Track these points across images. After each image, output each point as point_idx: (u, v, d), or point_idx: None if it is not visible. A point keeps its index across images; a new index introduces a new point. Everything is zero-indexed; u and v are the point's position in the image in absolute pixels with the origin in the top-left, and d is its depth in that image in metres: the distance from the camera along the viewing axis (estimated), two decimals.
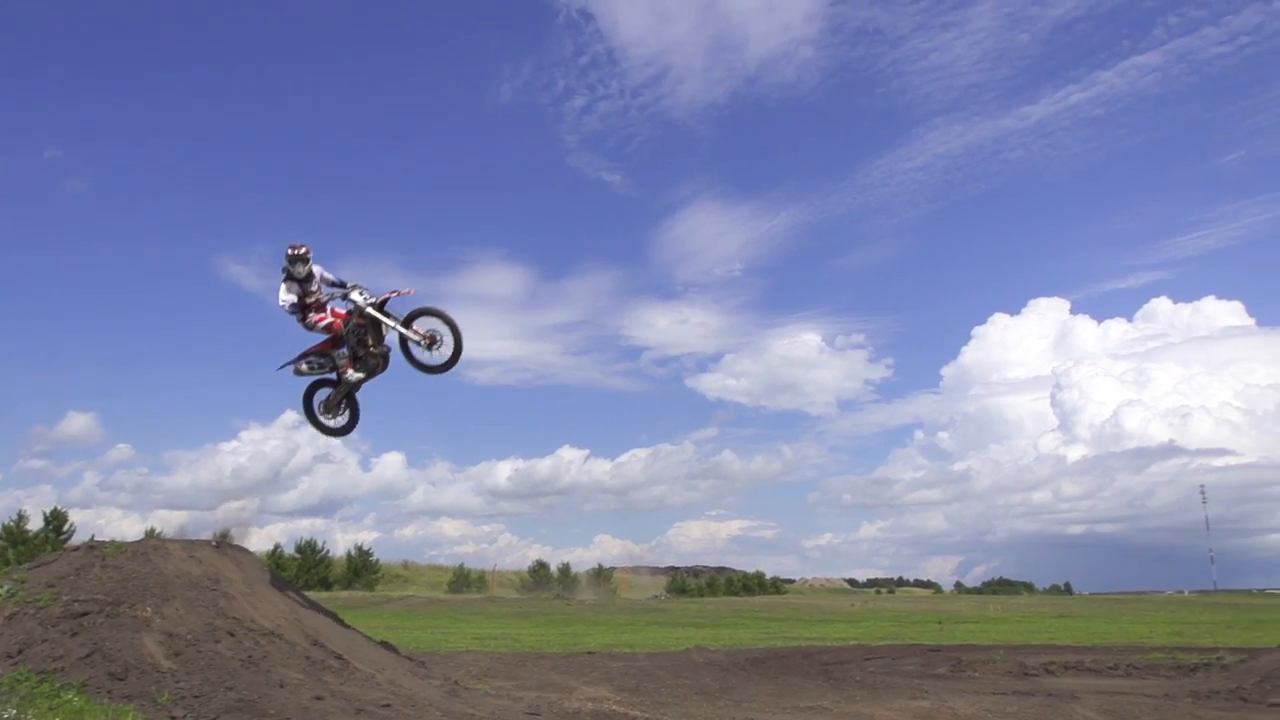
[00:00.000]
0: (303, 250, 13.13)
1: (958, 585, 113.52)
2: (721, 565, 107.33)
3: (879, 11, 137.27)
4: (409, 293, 13.34)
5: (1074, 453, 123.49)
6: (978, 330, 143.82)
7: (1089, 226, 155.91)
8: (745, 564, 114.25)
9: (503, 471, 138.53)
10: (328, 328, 13.38)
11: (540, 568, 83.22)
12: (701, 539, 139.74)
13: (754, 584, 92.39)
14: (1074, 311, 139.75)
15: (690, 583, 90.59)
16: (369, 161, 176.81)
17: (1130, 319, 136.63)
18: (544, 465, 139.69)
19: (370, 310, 13.09)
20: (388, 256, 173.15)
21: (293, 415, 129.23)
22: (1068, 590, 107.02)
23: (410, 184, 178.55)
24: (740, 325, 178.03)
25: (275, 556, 65.52)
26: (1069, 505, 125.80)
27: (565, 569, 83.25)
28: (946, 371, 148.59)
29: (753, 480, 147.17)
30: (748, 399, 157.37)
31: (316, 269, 13.27)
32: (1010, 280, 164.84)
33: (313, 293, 13.33)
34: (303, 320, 13.32)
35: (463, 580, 78.90)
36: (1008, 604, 61.30)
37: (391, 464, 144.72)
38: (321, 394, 14.13)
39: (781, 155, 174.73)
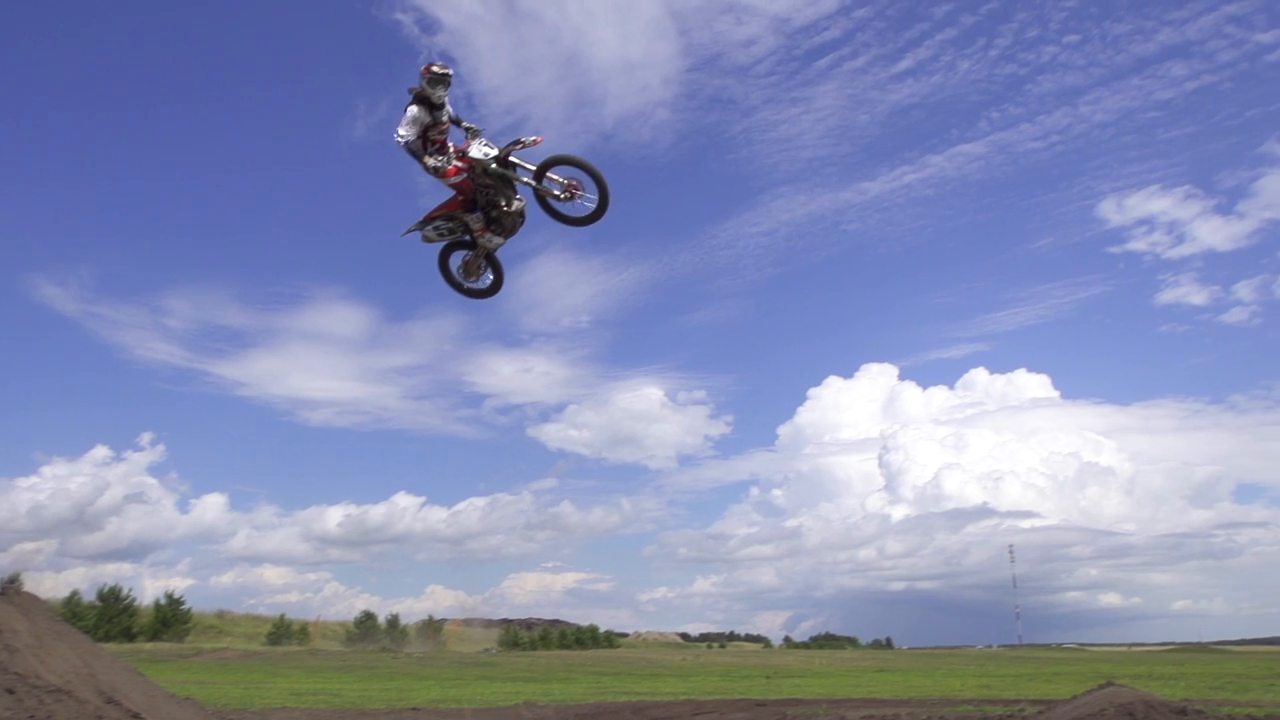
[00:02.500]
0: (449, 72, 11.40)
1: (786, 640, 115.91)
2: (556, 618, 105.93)
3: (733, 82, 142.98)
4: (536, 141, 11.81)
5: (898, 512, 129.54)
6: (813, 391, 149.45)
7: (917, 298, 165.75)
8: (580, 617, 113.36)
9: (333, 517, 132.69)
10: (456, 186, 11.81)
11: (367, 618, 79.85)
12: (536, 591, 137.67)
13: (587, 637, 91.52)
14: (902, 377, 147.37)
15: (523, 636, 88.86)
16: (210, 189, 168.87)
17: (952, 387, 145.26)
18: (377, 512, 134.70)
19: (495, 167, 11.58)
20: (220, 288, 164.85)
21: (104, 450, 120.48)
22: (889, 645, 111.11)
23: (252, 215, 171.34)
24: (585, 377, 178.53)
25: (71, 604, 60.47)
26: (892, 563, 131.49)
27: (394, 620, 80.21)
28: (782, 430, 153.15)
29: (590, 532, 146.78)
30: (589, 450, 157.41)
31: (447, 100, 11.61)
32: (844, 345, 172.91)
33: (442, 127, 11.70)
34: (424, 162, 11.56)
35: (283, 631, 74.59)
36: (833, 658, 63.09)
37: (212, 506, 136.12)
38: (457, 256, 12.76)
39: (634, 212, 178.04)
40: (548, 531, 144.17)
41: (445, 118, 11.74)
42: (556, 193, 11.59)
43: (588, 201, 11.52)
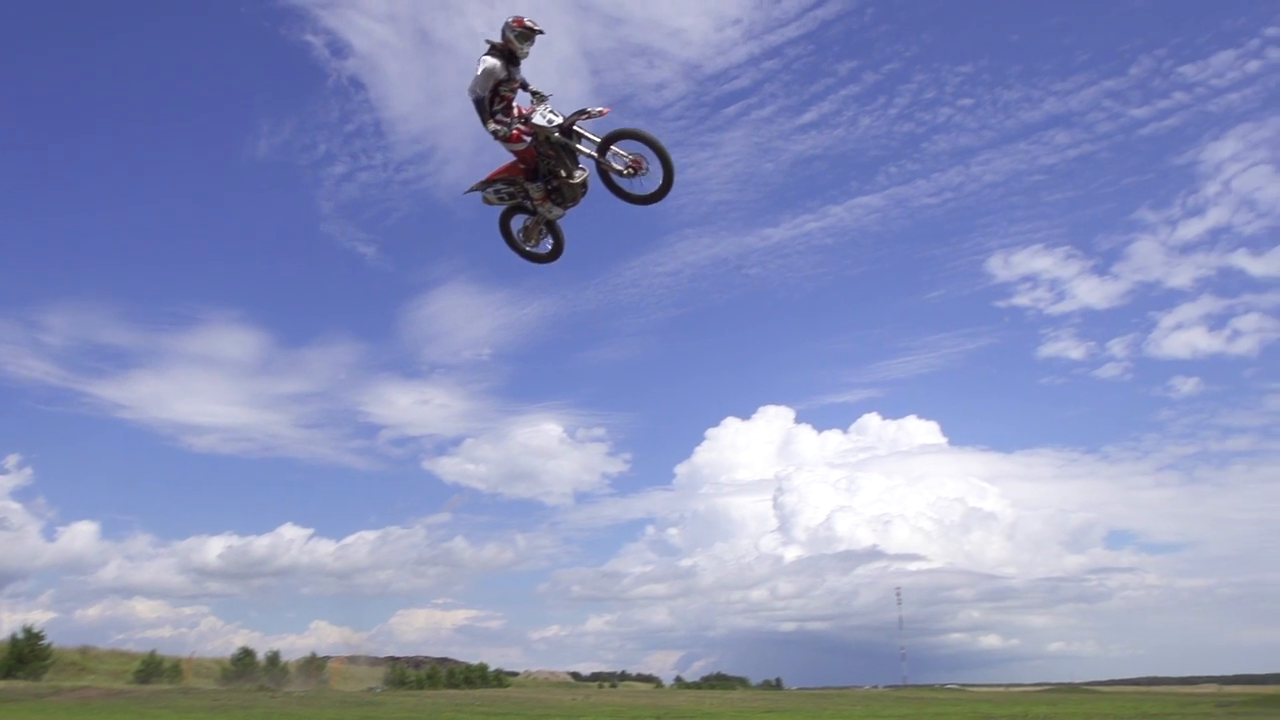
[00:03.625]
0: (540, 30, 11.01)
1: (678, 680, 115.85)
2: (445, 656, 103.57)
3: (641, 124, 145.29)
4: (602, 112, 11.33)
5: (791, 553, 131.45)
6: (711, 432, 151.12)
7: (815, 343, 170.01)
8: (469, 655, 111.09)
9: (214, 548, 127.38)
10: (519, 153, 11.40)
11: (245, 655, 76.32)
12: (426, 628, 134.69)
13: (476, 676, 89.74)
14: (798, 420, 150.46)
15: (410, 674, 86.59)
16: (100, 203, 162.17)
17: (846, 431, 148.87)
18: (262, 543, 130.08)
19: (558, 136, 11.15)
20: (105, 305, 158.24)
21: None
22: (779, 685, 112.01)
23: (144, 231, 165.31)
24: (484, 410, 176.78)
25: None
26: (784, 603, 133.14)
27: (274, 657, 76.84)
28: (680, 469, 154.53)
29: (483, 568, 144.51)
30: (485, 485, 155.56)
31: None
32: (744, 387, 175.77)
33: (514, 85, 11.23)
34: (487, 122, 11.10)
35: (153, 668, 70.67)
36: (723, 699, 63.27)
37: (82, 534, 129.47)
38: (519, 219, 12.36)
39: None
40: (439, 567, 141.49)
41: (519, 77, 11.37)
42: (619, 168, 11.27)
43: (651, 180, 11.21)
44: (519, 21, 11.05)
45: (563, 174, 11.48)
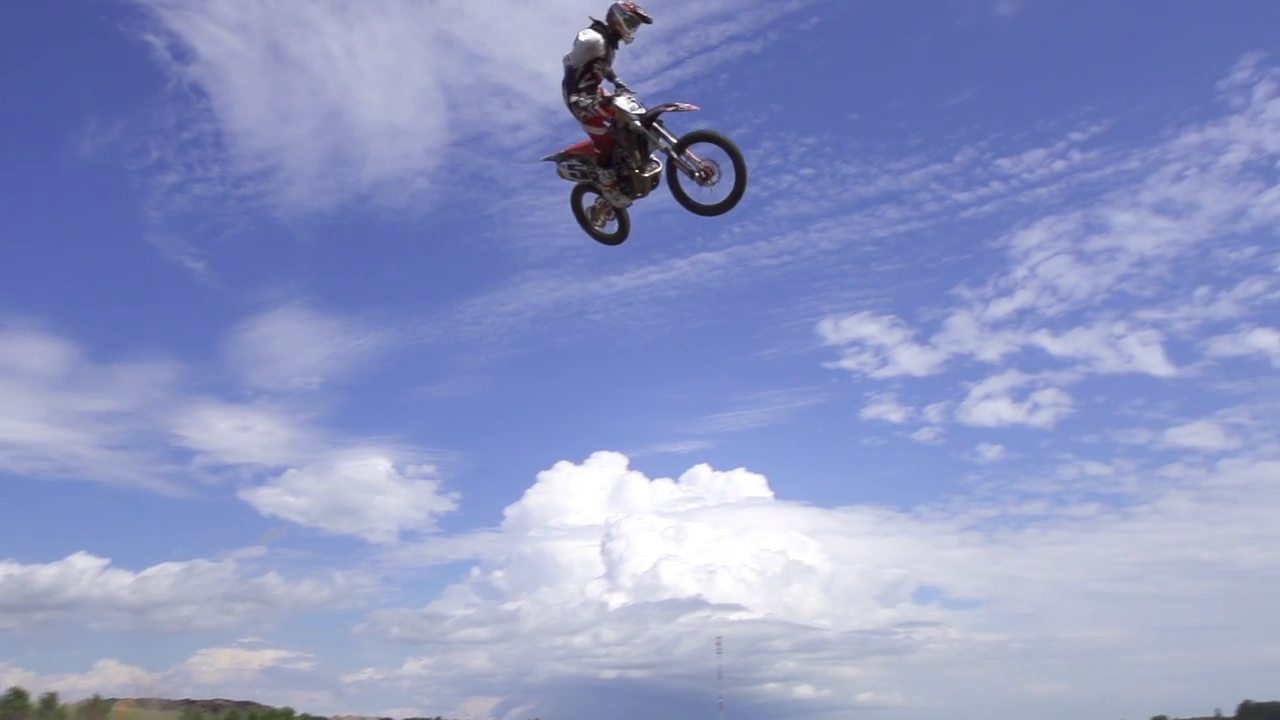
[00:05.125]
0: (649, 17, 10.87)
1: None
2: (247, 699, 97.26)
3: (495, 162, 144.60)
4: (691, 108, 11.00)
5: (615, 600, 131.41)
6: (543, 475, 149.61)
7: (652, 392, 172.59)
8: (275, 698, 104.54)
9: None
10: (596, 138, 11.33)
11: (16, 697, 69.31)
12: (228, 669, 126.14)
13: None
14: (630, 468, 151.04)
15: (206, 718, 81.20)
16: None
17: (676, 480, 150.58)
18: (48, 573, 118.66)
19: (638, 125, 10.93)
20: None
21: None
22: None
23: None
24: (309, 441, 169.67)
25: None
26: (606, 650, 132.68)
27: (50, 699, 70.17)
28: (510, 511, 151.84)
29: (296, 606, 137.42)
30: (305, 519, 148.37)
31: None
32: (578, 431, 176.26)
33: (607, 69, 11.24)
34: (570, 96, 11.11)
35: None
36: None
37: None
38: (590, 197, 12.15)
39: (381, 277, 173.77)
40: (248, 604, 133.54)
41: (613, 61, 11.24)
42: (692, 170, 11.05)
43: (719, 191, 10.99)
44: (631, 6, 11.05)
45: (634, 166, 11.40)
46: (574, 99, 11.30)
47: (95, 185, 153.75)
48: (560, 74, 11.58)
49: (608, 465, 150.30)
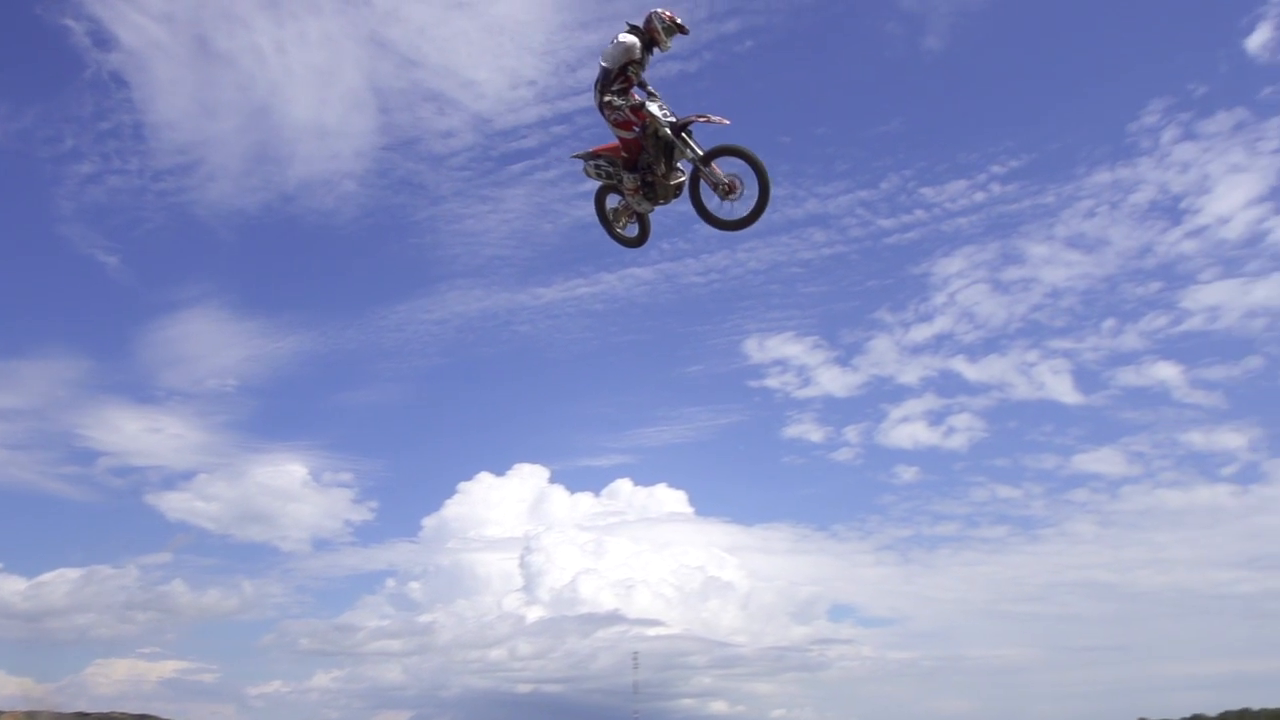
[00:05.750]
0: (686, 29, 10.91)
1: None
2: (145, 712, 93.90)
3: (426, 169, 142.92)
4: (723, 122, 10.93)
5: (533, 613, 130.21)
6: (463, 485, 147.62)
7: (576, 405, 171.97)
8: (175, 711, 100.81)
9: None
10: (625, 142, 11.26)
11: None
12: (126, 680, 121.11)
13: None
14: (552, 480, 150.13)
15: None
16: None
17: (598, 494, 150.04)
18: None
19: (667, 132, 10.91)
20: None
21: None
22: None
23: None
24: (222, 444, 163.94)
25: None
26: (521, 664, 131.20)
27: None
28: (428, 522, 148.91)
29: (201, 616, 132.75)
30: (215, 525, 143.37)
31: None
32: (501, 442, 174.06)
33: (641, 75, 11.22)
34: (602, 95, 11.05)
35: None
36: None
37: None
38: (613, 199, 12.05)
39: (303, 279, 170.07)
40: (150, 613, 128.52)
41: (644, 72, 11.30)
42: (716, 183, 11.05)
43: (739, 207, 11.00)
44: (671, 16, 11.18)
45: (659, 173, 11.41)
46: (607, 99, 11.32)
47: (3, 172, 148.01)
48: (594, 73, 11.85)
49: (529, 477, 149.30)
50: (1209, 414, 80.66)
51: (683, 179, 11.63)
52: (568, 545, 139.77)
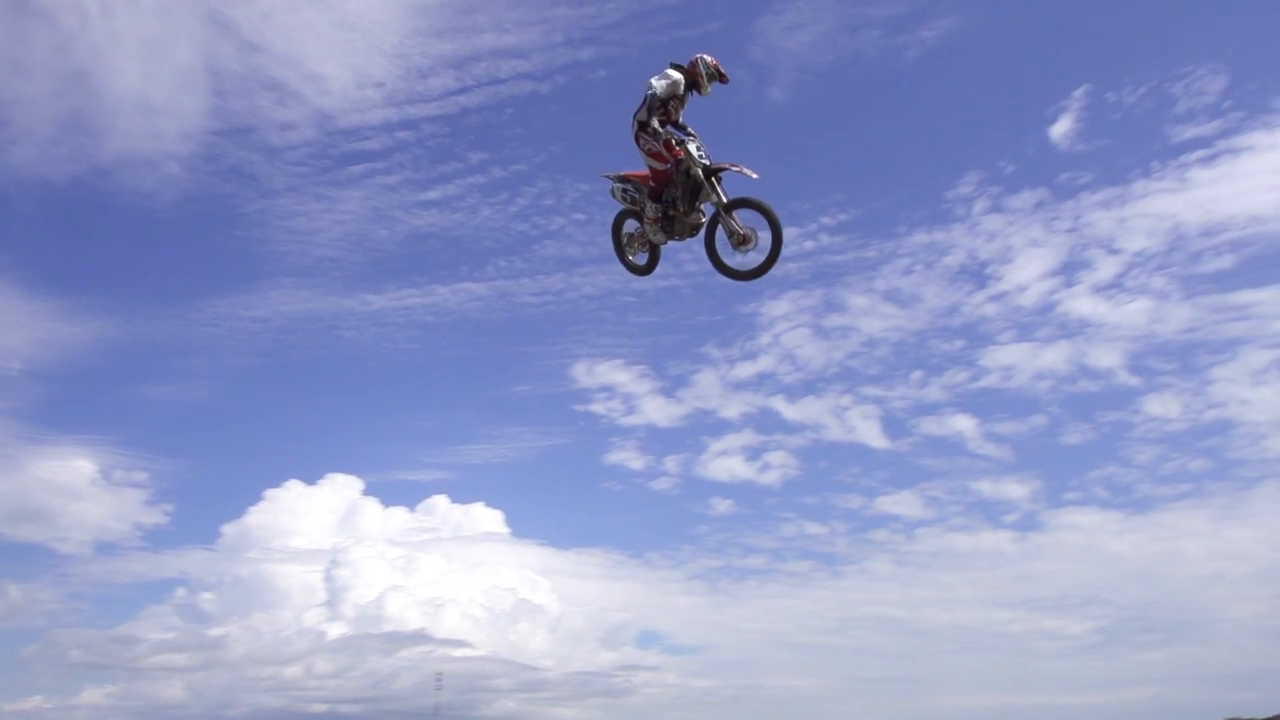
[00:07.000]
0: (729, 79, 11.40)
1: None
2: None
3: (260, 159, 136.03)
4: (752, 175, 11.24)
5: (335, 630, 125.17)
6: (270, 493, 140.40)
7: (398, 417, 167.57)
8: None
9: None
10: (655, 172, 11.57)
11: None
12: None
13: None
14: (366, 492, 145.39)
15: None
16: None
17: (412, 509, 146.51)
18: None
19: (699, 173, 11.23)
20: None
21: None
22: None
23: None
24: None
25: None
26: (318, 683, 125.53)
27: None
28: (228, 529, 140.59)
29: None
30: None
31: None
32: (314, 449, 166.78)
33: (680, 108, 11.60)
34: (644, 117, 11.33)
35: None
36: None
37: None
38: (631, 225, 12.31)
39: (111, 261, 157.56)
40: None
41: (682, 113, 11.66)
42: (732, 231, 11.36)
43: (747, 260, 11.41)
44: (716, 63, 11.59)
45: (682, 209, 11.71)
46: (653, 126, 11.58)
47: None
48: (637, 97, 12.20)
49: (342, 488, 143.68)
50: (997, 465, 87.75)
51: (702, 220, 11.91)
52: (377, 560, 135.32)
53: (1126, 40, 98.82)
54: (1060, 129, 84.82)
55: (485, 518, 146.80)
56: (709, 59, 11.65)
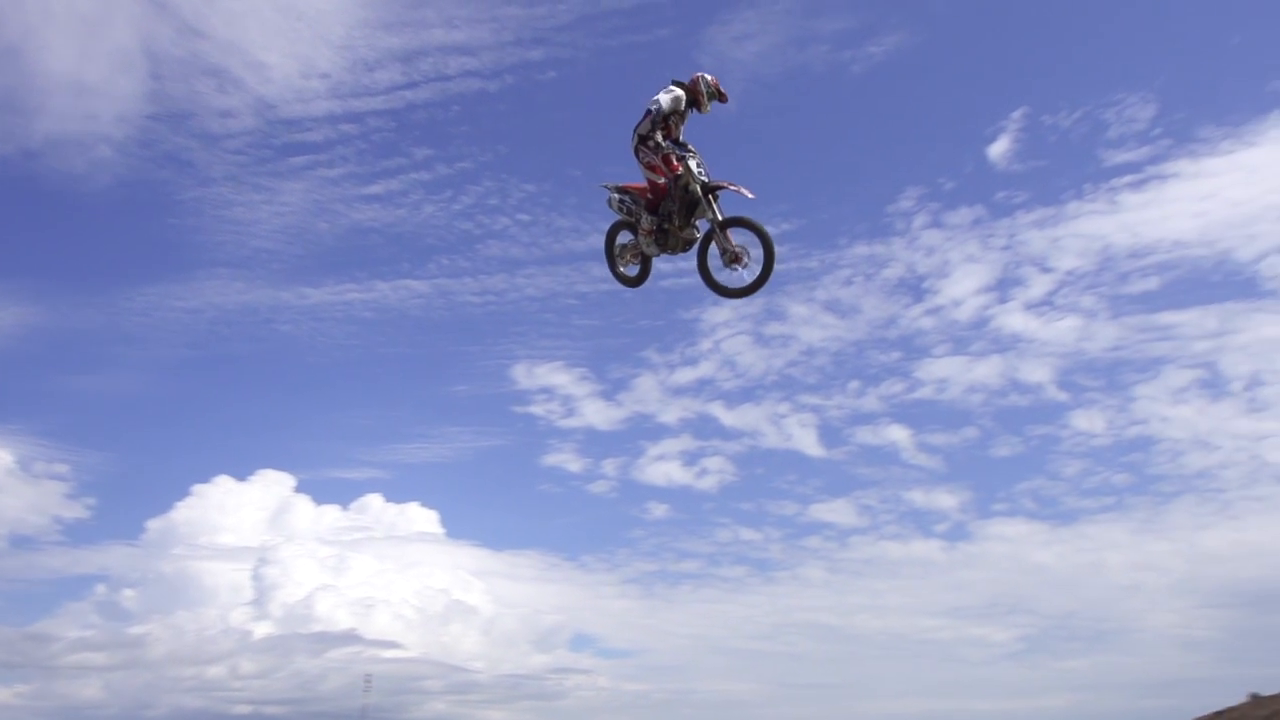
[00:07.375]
0: (726, 97, 11.60)
1: None
2: None
3: (197, 146, 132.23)
4: (748, 195, 11.41)
5: (261, 629, 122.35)
6: (198, 488, 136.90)
7: (332, 414, 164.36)
8: None
9: None
10: (654, 185, 11.70)
11: None
12: None
13: None
14: (298, 490, 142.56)
15: None
16: None
17: (345, 507, 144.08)
18: None
19: (697, 189, 11.38)
20: None
21: None
22: None
23: None
24: None
25: None
26: (242, 683, 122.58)
27: None
28: (153, 525, 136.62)
29: None
30: None
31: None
32: (245, 445, 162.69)
33: (678, 130, 11.73)
34: (645, 130, 11.47)
35: None
36: None
37: None
38: (625, 236, 12.31)
39: (37, 245, 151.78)
40: None
41: (682, 130, 11.83)
42: (725, 249, 11.49)
43: (737, 278, 11.51)
44: (716, 82, 11.78)
45: (677, 223, 11.81)
46: (654, 140, 11.72)
47: None
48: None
49: (273, 484, 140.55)
50: (929, 475, 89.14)
51: (696, 236, 12.02)
52: (307, 559, 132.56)
53: (1063, 66, 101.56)
54: (998, 149, 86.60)
55: (420, 517, 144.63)
56: (709, 78, 11.84)
